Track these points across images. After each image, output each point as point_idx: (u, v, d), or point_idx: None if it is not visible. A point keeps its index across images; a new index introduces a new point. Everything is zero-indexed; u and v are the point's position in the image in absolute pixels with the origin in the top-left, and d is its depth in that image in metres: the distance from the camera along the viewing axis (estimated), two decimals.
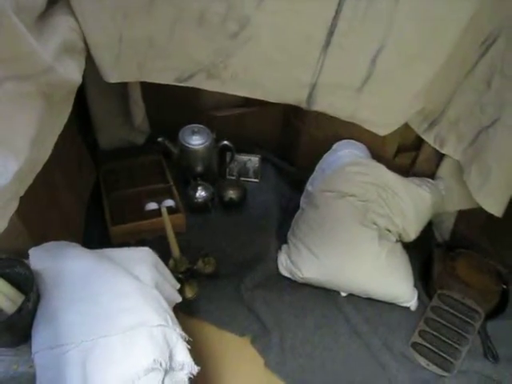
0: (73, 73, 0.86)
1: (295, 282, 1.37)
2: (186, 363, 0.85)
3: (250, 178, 1.58)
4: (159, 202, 1.38)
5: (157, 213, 1.31)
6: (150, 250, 1.00)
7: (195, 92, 1.35)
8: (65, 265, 0.88)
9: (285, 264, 1.37)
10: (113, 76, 1.04)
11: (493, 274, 1.41)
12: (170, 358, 0.83)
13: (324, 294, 1.37)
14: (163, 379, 0.81)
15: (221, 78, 1.10)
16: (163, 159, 1.50)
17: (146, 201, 1.39)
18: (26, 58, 0.72)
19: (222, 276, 1.36)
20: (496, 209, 1.30)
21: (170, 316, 0.87)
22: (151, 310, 0.85)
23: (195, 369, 0.86)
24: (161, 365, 0.79)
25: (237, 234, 1.43)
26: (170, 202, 1.37)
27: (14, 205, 0.74)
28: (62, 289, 0.85)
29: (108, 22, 0.93)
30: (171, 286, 1.01)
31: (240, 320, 1.30)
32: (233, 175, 1.54)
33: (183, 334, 0.88)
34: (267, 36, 1.00)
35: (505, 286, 1.40)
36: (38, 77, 0.75)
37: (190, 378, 0.86)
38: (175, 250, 1.20)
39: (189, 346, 0.87)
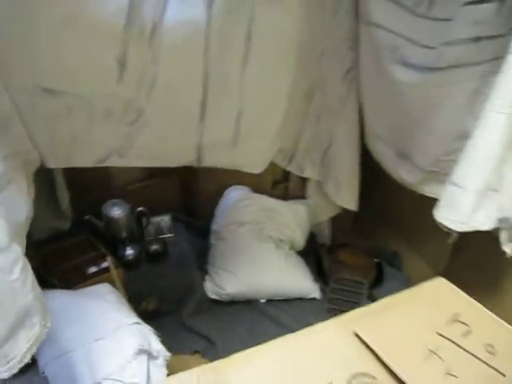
0: None
1: (223, 301, 1.80)
2: (160, 350, 1.23)
3: (166, 234, 2.02)
4: (97, 266, 1.75)
5: (98, 273, 1.68)
6: (109, 284, 1.39)
7: (110, 172, 1.81)
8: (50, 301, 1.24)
9: (211, 289, 1.79)
10: (50, 163, 1.43)
11: (367, 254, 1.98)
12: (149, 345, 1.21)
13: (248, 305, 1.81)
14: (148, 362, 1.19)
15: (129, 156, 1.52)
16: (91, 235, 1.89)
17: (86, 268, 1.75)
18: None
19: (164, 313, 1.74)
20: (352, 205, 1.89)
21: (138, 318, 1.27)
22: (125, 315, 1.25)
23: (168, 355, 1.25)
24: (144, 349, 1.18)
25: (166, 278, 1.84)
26: (106, 264, 1.75)
27: None
28: (54, 318, 1.20)
29: (46, 130, 1.36)
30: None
31: (188, 342, 1.67)
32: (151, 234, 1.97)
33: (152, 328, 1.27)
34: (158, 120, 1.42)
35: (377, 260, 1.97)
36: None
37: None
38: (124, 296, 1.58)
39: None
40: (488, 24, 1.19)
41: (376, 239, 2.11)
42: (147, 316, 1.47)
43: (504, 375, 0.81)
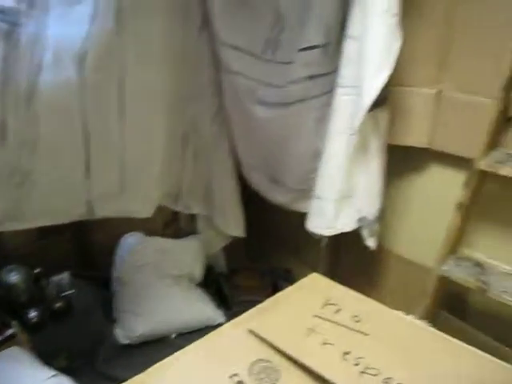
0: None
1: (135, 344, 1.91)
2: None
3: (68, 291, 2.09)
4: (2, 335, 1.78)
5: (4, 342, 1.72)
6: (17, 347, 1.46)
7: (1, 237, 1.87)
8: None
9: (122, 334, 1.90)
10: None
11: (261, 275, 2.22)
12: None
13: (159, 342, 1.94)
14: None
15: (21, 218, 1.60)
16: None
17: None
18: None
19: (77, 367, 1.82)
20: (240, 233, 2.12)
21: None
22: (41, 371, 1.36)
23: None
24: None
25: (75, 334, 1.91)
26: (11, 331, 1.79)
27: None
28: None
29: None
30: None
31: None
32: (53, 293, 2.03)
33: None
34: (45, 180, 1.53)
35: (271, 279, 2.22)
36: None
37: None
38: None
39: None
40: (318, 65, 1.50)
41: (269, 259, 2.35)
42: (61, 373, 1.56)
43: (368, 334, 1.06)
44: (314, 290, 1.22)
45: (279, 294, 1.24)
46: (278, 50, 1.58)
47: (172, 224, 2.22)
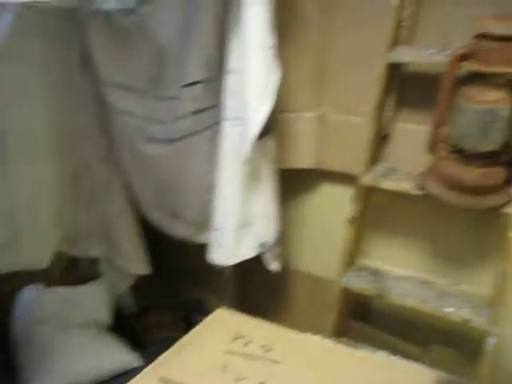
0: None
1: None
2: None
3: None
4: None
5: None
6: None
7: None
8: None
9: None
10: None
11: (173, 309, 2.20)
12: None
13: None
14: None
15: None
16: None
17: None
18: None
19: None
20: (145, 270, 2.08)
21: None
22: None
23: None
24: None
25: None
26: None
27: None
28: None
29: None
30: None
31: None
32: None
33: None
34: None
35: (183, 312, 2.21)
36: None
37: None
38: None
39: None
40: (203, 99, 1.53)
41: (180, 292, 2.34)
42: None
43: (279, 362, 1.10)
44: (221, 325, 1.24)
45: (188, 335, 1.24)
46: (163, 86, 1.59)
47: (72, 270, 2.14)
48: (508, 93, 1.25)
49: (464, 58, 1.24)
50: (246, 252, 1.59)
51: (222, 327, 1.22)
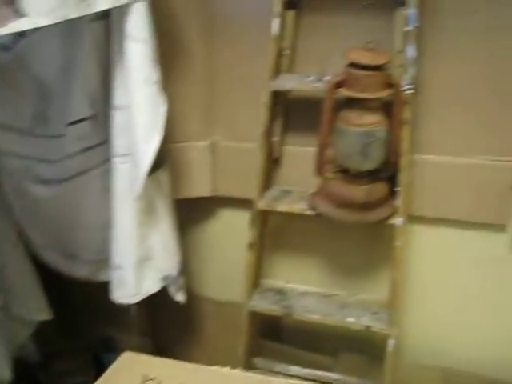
0: None
1: None
2: None
3: None
4: None
5: None
6: None
7: None
8: None
9: None
10: None
11: (79, 352, 2.11)
12: None
13: None
14: None
15: None
16: None
17: None
18: None
19: None
20: (45, 315, 1.99)
21: None
22: None
23: None
24: None
25: None
26: None
27: None
28: None
29: None
30: None
31: None
32: None
33: None
34: None
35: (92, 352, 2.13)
36: None
37: None
38: None
39: None
40: (90, 137, 1.51)
41: (87, 333, 2.25)
42: None
43: None
44: (129, 369, 1.22)
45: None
46: (48, 125, 1.54)
47: None
48: (383, 115, 1.35)
49: (339, 85, 1.32)
50: (149, 287, 1.57)
51: (130, 371, 1.20)
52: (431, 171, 1.54)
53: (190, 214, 1.78)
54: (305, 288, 1.73)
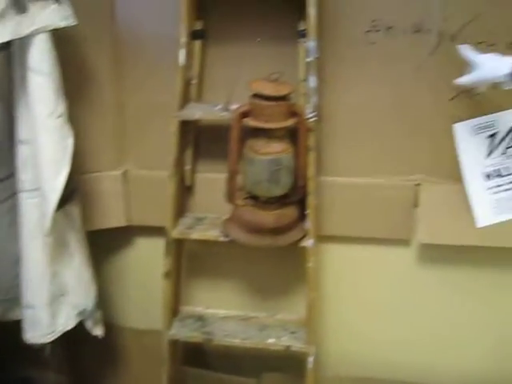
0: None
1: None
2: None
3: None
4: None
5: None
6: None
7: None
8: None
9: None
10: None
11: None
12: None
13: None
14: None
15: None
16: None
17: None
18: None
19: None
20: None
21: None
22: None
23: None
24: None
25: None
26: None
27: None
28: None
29: None
30: None
31: None
32: None
33: None
34: None
35: None
36: None
37: None
38: None
39: None
40: None
41: (5, 371, 2.14)
42: None
43: None
44: None
45: None
46: None
47: None
48: (289, 143, 1.40)
49: (245, 115, 1.36)
50: (64, 324, 1.53)
51: None
52: (339, 192, 1.62)
53: (106, 244, 1.76)
54: (224, 312, 1.75)
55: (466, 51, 1.36)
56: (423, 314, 1.76)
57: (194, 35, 1.52)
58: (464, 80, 1.36)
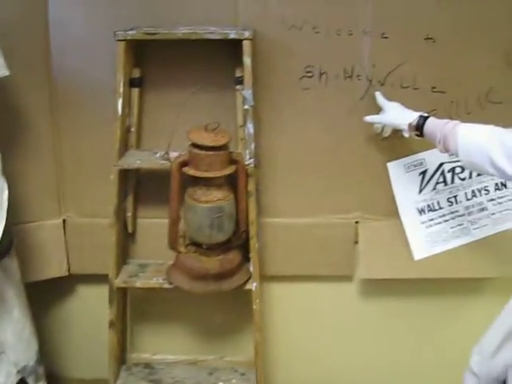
0: None
1: None
2: None
3: None
4: None
5: None
6: None
7: None
8: None
9: None
10: None
11: None
12: None
13: None
14: None
15: None
16: None
17: None
18: None
19: None
20: None
21: None
22: None
23: None
24: None
25: None
26: None
27: None
28: None
29: None
30: None
31: None
32: None
33: None
34: None
35: None
36: None
37: None
38: None
39: None
40: None
41: None
42: None
43: None
44: None
45: None
46: None
47: None
48: (229, 189, 1.43)
49: (185, 164, 1.38)
50: (5, 382, 1.48)
51: None
52: (282, 233, 1.65)
53: (48, 294, 1.72)
54: (173, 358, 1.74)
55: (379, 97, 1.50)
56: (367, 344, 1.82)
57: (132, 83, 1.53)
58: (370, 119, 1.49)
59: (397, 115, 1.43)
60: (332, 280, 1.74)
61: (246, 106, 1.45)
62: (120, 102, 1.46)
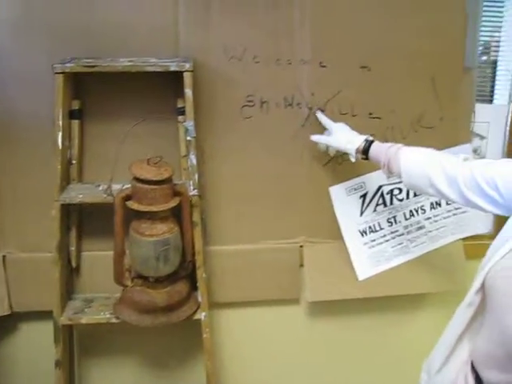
0: None
1: None
2: None
3: None
4: None
5: None
6: None
7: None
8: None
9: None
10: None
11: None
12: None
13: None
14: None
15: None
16: None
17: None
18: None
19: None
20: None
21: None
22: None
23: None
24: None
25: None
26: None
27: None
28: None
29: None
30: None
31: None
32: None
33: None
34: None
35: None
36: None
37: None
38: None
39: None
40: None
41: None
42: None
43: None
44: None
45: None
46: None
47: None
48: (174, 221, 1.43)
49: (128, 197, 1.37)
50: None
51: None
52: (229, 260, 1.67)
53: None
54: None
55: (322, 117, 1.55)
56: (317, 365, 1.86)
57: (72, 115, 1.51)
58: (317, 138, 1.54)
59: (344, 140, 1.46)
60: (280, 304, 1.76)
61: (188, 138, 1.46)
62: (60, 135, 1.43)
